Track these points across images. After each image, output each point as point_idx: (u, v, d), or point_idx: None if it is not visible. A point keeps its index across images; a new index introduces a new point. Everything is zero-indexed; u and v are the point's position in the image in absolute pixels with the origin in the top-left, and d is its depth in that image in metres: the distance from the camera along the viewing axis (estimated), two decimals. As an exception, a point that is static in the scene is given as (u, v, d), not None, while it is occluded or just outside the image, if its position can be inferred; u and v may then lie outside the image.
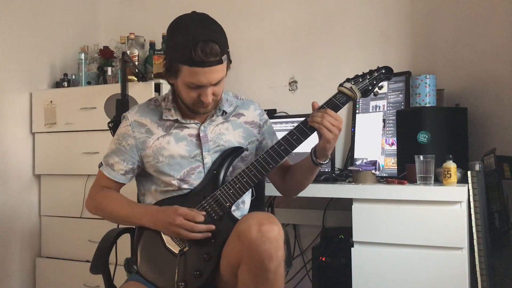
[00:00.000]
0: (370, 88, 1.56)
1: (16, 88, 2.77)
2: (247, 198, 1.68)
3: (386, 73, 1.58)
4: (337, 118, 1.46)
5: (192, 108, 1.54)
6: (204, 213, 1.46)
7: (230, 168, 1.58)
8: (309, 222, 2.65)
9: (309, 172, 1.61)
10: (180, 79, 1.48)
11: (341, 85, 1.55)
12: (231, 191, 1.49)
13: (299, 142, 1.50)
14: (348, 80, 1.56)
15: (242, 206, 1.65)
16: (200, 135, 1.58)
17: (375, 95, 1.58)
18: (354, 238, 1.96)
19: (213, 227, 1.46)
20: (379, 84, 1.58)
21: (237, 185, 1.49)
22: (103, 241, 1.62)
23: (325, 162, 1.54)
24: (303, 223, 2.71)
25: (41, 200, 2.86)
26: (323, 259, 2.34)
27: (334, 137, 1.46)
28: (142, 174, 1.63)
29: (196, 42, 1.39)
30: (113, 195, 1.60)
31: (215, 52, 1.41)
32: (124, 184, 1.63)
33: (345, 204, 2.04)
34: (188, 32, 1.42)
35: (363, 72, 1.59)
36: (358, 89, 1.54)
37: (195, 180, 1.55)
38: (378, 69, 1.59)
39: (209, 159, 1.57)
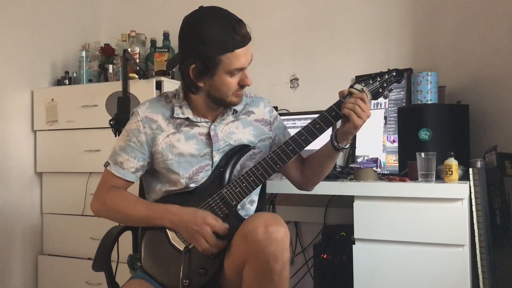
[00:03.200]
0: (381, 90, 1.53)
1: (17, 86, 2.77)
2: (256, 197, 1.66)
3: (397, 76, 1.55)
4: (368, 105, 1.47)
5: (229, 101, 1.51)
6: (227, 226, 1.44)
7: (238, 166, 1.57)
8: (311, 219, 2.65)
9: (329, 158, 1.59)
10: (219, 73, 1.45)
11: (351, 86, 1.52)
12: (237, 189, 1.47)
13: (307, 142, 1.49)
14: (358, 81, 1.54)
15: (249, 206, 1.63)
16: (211, 134, 1.56)
17: (385, 98, 1.56)
18: (356, 236, 1.96)
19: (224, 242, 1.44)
20: (389, 87, 1.55)
21: (244, 184, 1.48)
22: (105, 239, 1.62)
23: (347, 146, 1.55)
24: (304, 220, 2.71)
25: (42, 198, 2.86)
26: (325, 256, 2.34)
27: (362, 123, 1.48)
28: (148, 172, 1.60)
29: (232, 25, 1.42)
30: (125, 195, 1.54)
31: (246, 29, 1.45)
32: (133, 183, 1.58)
33: (347, 202, 2.04)
34: (218, 22, 1.42)
35: (373, 74, 1.55)
36: (369, 91, 1.52)
37: (204, 178, 1.54)
38: (389, 71, 1.55)
39: (218, 158, 1.55)
